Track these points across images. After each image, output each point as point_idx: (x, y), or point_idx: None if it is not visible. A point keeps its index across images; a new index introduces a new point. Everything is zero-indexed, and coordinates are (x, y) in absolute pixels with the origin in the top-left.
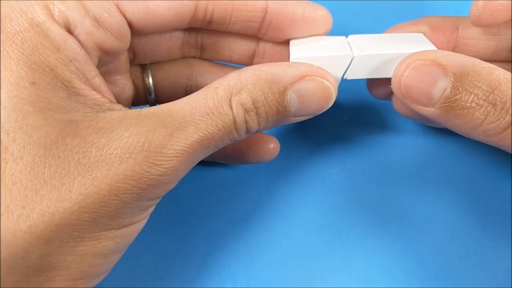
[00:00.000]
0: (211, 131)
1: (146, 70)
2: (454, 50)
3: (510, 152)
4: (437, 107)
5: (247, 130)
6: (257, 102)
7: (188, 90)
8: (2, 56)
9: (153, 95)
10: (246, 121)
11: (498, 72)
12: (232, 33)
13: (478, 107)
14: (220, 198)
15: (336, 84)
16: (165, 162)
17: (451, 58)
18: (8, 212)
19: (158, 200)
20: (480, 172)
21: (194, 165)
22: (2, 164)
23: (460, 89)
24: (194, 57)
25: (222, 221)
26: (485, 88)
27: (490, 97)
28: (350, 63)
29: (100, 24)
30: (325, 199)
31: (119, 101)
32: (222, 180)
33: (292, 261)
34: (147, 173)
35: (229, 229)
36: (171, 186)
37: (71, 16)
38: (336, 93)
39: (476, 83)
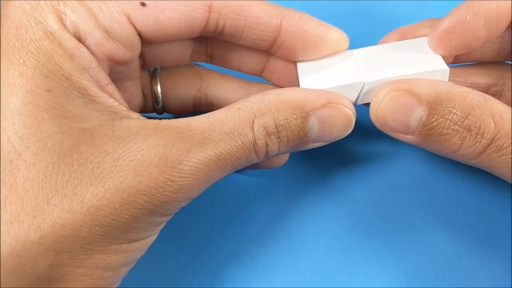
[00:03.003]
0: (228, 150)
1: (155, 78)
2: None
3: (491, 172)
4: (416, 134)
5: (267, 153)
6: (280, 126)
7: (196, 102)
8: (18, 63)
9: (160, 104)
10: (267, 144)
11: (472, 96)
12: (243, 46)
13: (454, 133)
14: (220, 199)
15: (355, 112)
16: (180, 179)
17: (424, 86)
18: (19, 221)
19: (170, 217)
20: (480, 172)
21: (208, 186)
22: (14, 171)
23: (436, 116)
24: (204, 63)
25: (222, 222)
26: (460, 114)
27: (465, 123)
28: (361, 89)
29: (111, 35)
30: (324, 199)
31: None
32: (223, 181)
33: (292, 262)
34: (161, 189)
35: (229, 230)
36: (183, 204)
37: (82, 27)
38: (355, 120)
39: (451, 109)
